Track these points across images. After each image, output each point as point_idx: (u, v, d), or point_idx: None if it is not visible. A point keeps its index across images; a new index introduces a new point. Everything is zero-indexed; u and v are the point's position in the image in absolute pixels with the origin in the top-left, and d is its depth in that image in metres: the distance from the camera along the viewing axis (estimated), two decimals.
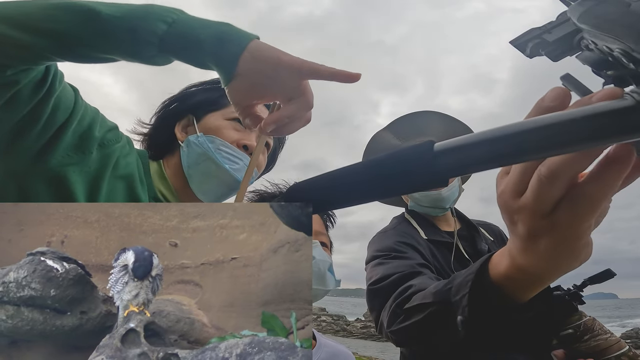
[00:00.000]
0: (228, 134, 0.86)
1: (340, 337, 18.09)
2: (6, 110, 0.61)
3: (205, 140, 0.84)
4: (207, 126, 0.87)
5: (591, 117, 0.25)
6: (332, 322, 21.09)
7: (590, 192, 0.32)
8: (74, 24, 0.55)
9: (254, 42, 0.56)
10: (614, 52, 0.27)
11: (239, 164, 0.86)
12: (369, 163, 0.32)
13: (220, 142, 0.84)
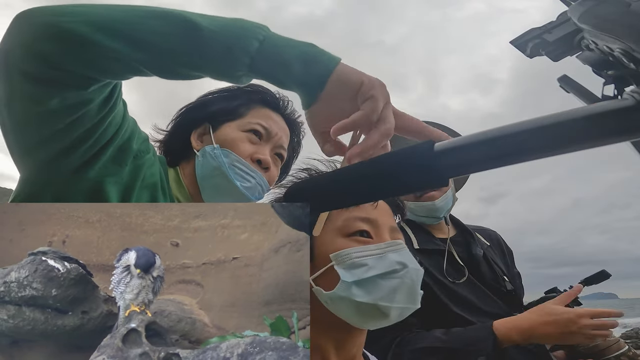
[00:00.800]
0: (243, 147, 0.86)
1: None
2: (70, 128, 0.58)
3: (220, 153, 0.84)
4: (222, 137, 0.86)
5: (591, 117, 0.25)
6: None
7: None
8: (175, 38, 0.51)
9: (340, 64, 0.53)
10: (614, 52, 0.26)
11: (251, 182, 0.85)
12: (369, 163, 0.32)
13: (235, 157, 0.84)
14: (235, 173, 0.83)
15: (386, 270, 0.62)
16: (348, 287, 0.60)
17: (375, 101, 0.49)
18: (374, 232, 0.66)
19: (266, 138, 0.89)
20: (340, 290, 0.61)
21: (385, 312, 0.61)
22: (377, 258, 0.63)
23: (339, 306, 0.62)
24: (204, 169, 0.85)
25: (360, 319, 0.63)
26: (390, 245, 0.65)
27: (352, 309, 0.61)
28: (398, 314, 0.63)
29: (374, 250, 0.63)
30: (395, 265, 0.62)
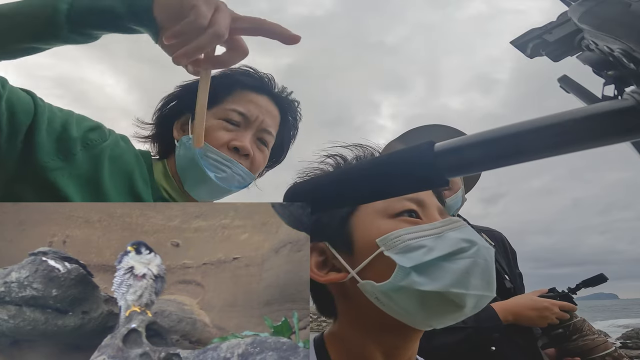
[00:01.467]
0: (218, 135, 0.83)
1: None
2: None
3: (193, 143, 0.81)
4: None
5: (592, 117, 0.25)
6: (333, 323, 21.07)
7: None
8: None
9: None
10: (614, 52, 0.27)
11: (226, 172, 0.83)
12: (370, 163, 0.32)
13: (207, 147, 0.81)
14: (209, 164, 0.82)
15: (451, 250, 0.49)
16: (407, 274, 0.48)
17: (197, 8, 0.52)
18: (423, 212, 0.55)
19: (245, 124, 0.86)
20: (397, 279, 0.49)
21: (460, 302, 0.48)
22: (435, 238, 0.50)
23: (397, 301, 0.49)
24: (182, 160, 0.83)
25: (426, 315, 0.50)
26: (448, 222, 0.53)
27: (415, 303, 0.49)
28: (474, 304, 0.50)
29: (429, 230, 0.51)
30: (462, 243, 0.50)
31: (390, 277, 0.49)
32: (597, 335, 1.06)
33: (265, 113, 0.88)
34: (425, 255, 0.49)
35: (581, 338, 1.06)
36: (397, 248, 0.50)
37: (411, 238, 0.51)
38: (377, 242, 0.52)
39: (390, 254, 0.50)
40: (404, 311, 0.50)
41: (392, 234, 0.51)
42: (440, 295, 0.48)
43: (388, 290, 0.49)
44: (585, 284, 1.13)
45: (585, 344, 1.04)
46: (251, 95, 0.88)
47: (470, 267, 0.49)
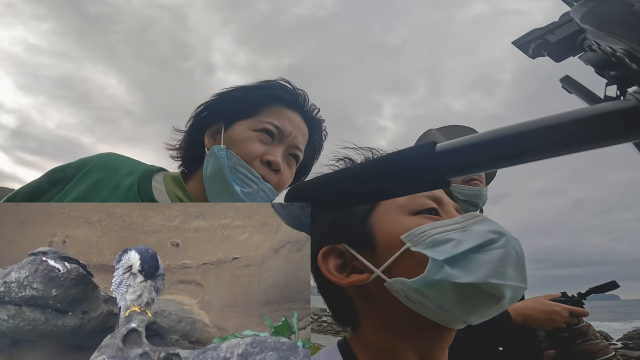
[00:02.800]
0: (253, 146, 0.83)
1: (342, 337, 18.01)
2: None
3: (224, 155, 0.82)
4: (233, 136, 0.84)
5: (593, 117, 0.25)
6: (333, 323, 21.03)
7: None
8: None
9: None
10: (617, 52, 0.26)
11: (252, 188, 0.82)
12: (371, 163, 0.32)
13: (238, 160, 0.81)
14: (237, 177, 0.81)
15: (481, 242, 0.47)
16: (440, 267, 0.46)
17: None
18: (442, 210, 0.54)
19: (279, 138, 0.86)
20: (432, 273, 0.46)
21: (498, 293, 0.46)
22: (461, 232, 0.49)
23: (431, 297, 0.47)
24: (209, 169, 0.83)
25: (464, 310, 0.48)
26: (470, 217, 0.51)
27: (451, 298, 0.46)
28: (511, 295, 0.48)
29: (453, 225, 0.50)
30: (490, 235, 0.48)
31: (422, 273, 0.47)
32: (599, 340, 1.07)
33: (298, 130, 0.89)
34: (456, 248, 0.47)
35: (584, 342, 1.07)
36: (424, 243, 0.48)
37: (437, 232, 0.49)
38: (402, 238, 0.49)
39: (418, 249, 0.48)
40: (438, 308, 0.48)
41: (417, 229, 0.49)
42: (478, 287, 0.46)
43: (421, 287, 0.47)
44: (595, 290, 1.14)
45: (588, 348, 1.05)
46: (286, 111, 0.88)
47: (504, 257, 0.47)
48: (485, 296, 0.47)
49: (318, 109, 0.94)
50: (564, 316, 1.09)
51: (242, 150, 0.82)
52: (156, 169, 0.87)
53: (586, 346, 1.05)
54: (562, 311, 1.10)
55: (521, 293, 0.49)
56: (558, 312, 1.10)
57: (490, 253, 0.47)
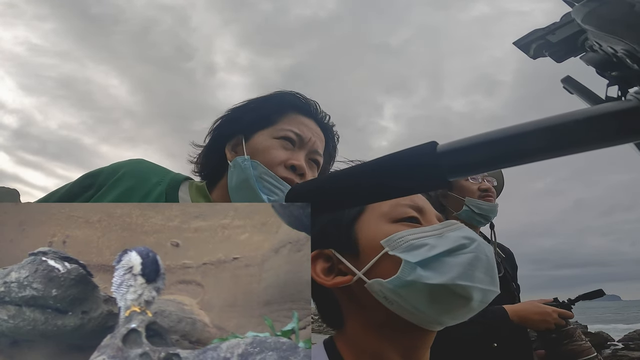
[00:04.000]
0: (276, 153, 0.84)
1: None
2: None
3: (249, 165, 0.83)
4: (255, 146, 0.86)
5: (595, 118, 0.25)
6: None
7: None
8: None
9: None
10: (618, 53, 0.26)
11: (278, 196, 0.83)
12: (371, 164, 0.32)
13: (263, 170, 0.82)
14: (263, 186, 0.82)
15: (453, 246, 0.51)
16: (412, 269, 0.50)
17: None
18: (422, 218, 0.58)
19: (299, 144, 0.87)
20: (404, 274, 0.50)
21: (466, 294, 0.49)
22: (436, 237, 0.53)
23: (406, 297, 0.50)
24: (234, 180, 0.84)
25: (436, 311, 0.51)
26: (447, 225, 0.55)
27: (424, 297, 0.50)
28: (480, 297, 0.51)
29: (430, 231, 0.54)
30: (462, 240, 0.52)
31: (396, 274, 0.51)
32: (584, 342, 1.21)
33: (316, 136, 0.91)
34: (429, 252, 0.51)
35: (570, 343, 1.21)
36: (401, 247, 0.52)
37: (414, 238, 0.53)
38: (382, 243, 0.54)
39: (395, 252, 0.52)
40: (413, 309, 0.51)
41: (395, 235, 0.54)
42: (447, 288, 0.49)
43: (396, 287, 0.50)
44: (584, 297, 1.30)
45: (574, 349, 1.19)
46: (301, 118, 0.91)
47: (473, 261, 0.51)
48: (454, 297, 0.50)
49: (329, 116, 0.97)
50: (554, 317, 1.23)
51: (266, 157, 0.83)
52: (182, 177, 0.91)
53: (572, 347, 1.20)
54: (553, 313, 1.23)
55: (491, 296, 0.53)
56: (549, 313, 1.23)
57: (460, 257, 0.51)
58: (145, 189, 0.83)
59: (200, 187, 0.89)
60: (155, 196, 0.82)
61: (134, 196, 0.81)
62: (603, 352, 11.40)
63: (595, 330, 15.22)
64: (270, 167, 0.83)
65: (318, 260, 0.58)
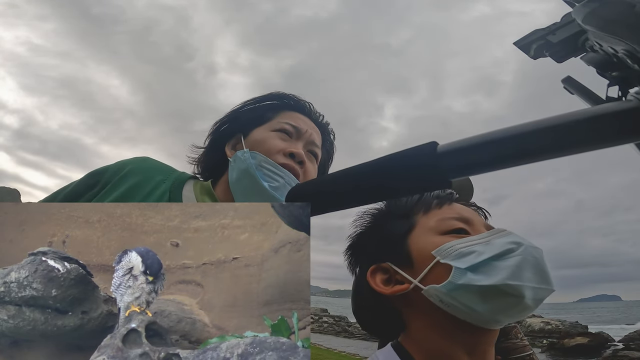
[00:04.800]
0: (274, 142, 0.87)
1: (342, 338, 18.04)
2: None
3: (249, 156, 0.85)
4: (253, 140, 0.88)
5: (595, 118, 0.25)
6: (333, 324, 21.06)
7: None
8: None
9: None
10: (618, 53, 0.26)
11: (279, 182, 0.84)
12: (372, 164, 0.32)
13: (262, 158, 0.84)
14: (263, 174, 0.84)
15: (500, 251, 0.55)
16: (463, 274, 0.54)
17: None
18: (471, 229, 0.62)
19: (297, 135, 0.90)
20: (455, 278, 0.54)
21: (517, 293, 0.52)
22: (484, 245, 0.56)
23: (459, 300, 0.54)
24: (234, 173, 0.86)
25: (490, 310, 0.54)
26: (494, 232, 0.59)
27: (476, 299, 0.53)
28: (533, 295, 0.53)
29: (478, 240, 0.57)
30: (509, 245, 0.55)
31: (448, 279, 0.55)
32: (519, 340, 1.25)
33: (312, 129, 0.94)
34: (477, 258, 0.54)
35: (506, 340, 1.24)
36: (451, 256, 0.56)
37: (462, 247, 0.57)
38: (433, 253, 0.58)
39: (446, 261, 0.56)
40: (468, 309, 0.54)
41: (445, 245, 0.58)
42: (497, 288, 0.52)
43: (449, 291, 0.54)
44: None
45: (507, 346, 1.23)
46: (297, 114, 0.95)
47: (521, 263, 0.54)
48: (505, 296, 0.53)
49: (323, 115, 1.00)
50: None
51: (264, 147, 0.86)
52: (188, 176, 0.92)
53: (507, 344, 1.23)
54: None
55: (544, 294, 0.55)
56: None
57: (509, 260, 0.54)
58: (149, 187, 0.84)
59: (205, 185, 0.91)
60: (159, 194, 0.83)
61: (138, 194, 0.82)
62: (603, 353, 11.39)
63: (595, 330, 15.21)
64: (269, 156, 0.85)
65: (377, 273, 0.63)
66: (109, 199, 0.79)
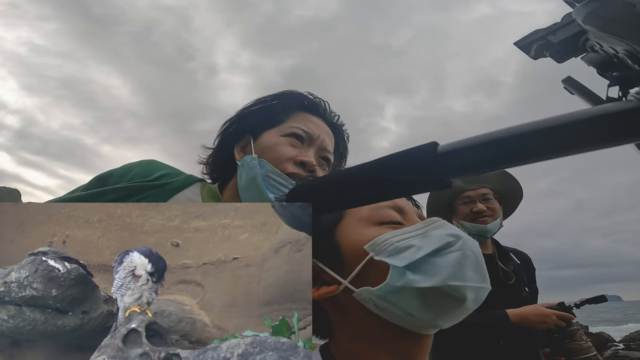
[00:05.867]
0: (284, 150, 0.83)
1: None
2: None
3: (257, 164, 0.82)
4: (263, 144, 0.85)
5: (596, 119, 0.25)
6: None
7: None
8: None
9: None
10: (619, 53, 0.26)
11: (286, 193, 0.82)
12: (372, 164, 0.32)
13: (270, 168, 0.81)
14: (270, 184, 0.81)
15: (439, 245, 0.49)
16: (402, 274, 0.47)
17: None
18: (404, 219, 0.55)
19: (308, 141, 0.86)
20: (394, 280, 0.47)
21: (460, 295, 0.47)
22: (421, 237, 0.50)
23: (398, 303, 0.48)
24: (242, 180, 0.84)
25: (430, 314, 0.49)
26: (429, 223, 0.53)
27: (416, 302, 0.48)
28: (474, 296, 0.49)
29: (414, 232, 0.51)
30: (447, 238, 0.50)
31: (385, 280, 0.48)
32: (584, 342, 1.34)
33: (325, 134, 0.89)
34: (416, 254, 0.48)
35: (571, 342, 1.33)
36: (386, 251, 0.50)
37: (398, 240, 0.50)
38: (366, 248, 0.51)
39: (381, 257, 0.49)
40: (406, 314, 0.49)
41: (379, 239, 0.51)
42: (439, 290, 0.47)
43: (386, 294, 0.48)
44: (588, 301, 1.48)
45: (573, 347, 1.32)
46: (310, 116, 0.90)
47: (461, 259, 0.49)
48: (447, 299, 0.48)
49: (338, 115, 0.95)
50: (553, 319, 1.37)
51: (274, 154, 0.82)
52: (195, 179, 0.90)
53: (572, 345, 1.33)
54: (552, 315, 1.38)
55: (484, 294, 0.51)
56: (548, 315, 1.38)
57: (448, 256, 0.49)
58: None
59: (212, 188, 0.88)
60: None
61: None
62: (604, 353, 11.38)
63: (596, 330, 15.20)
64: (278, 164, 0.82)
65: None
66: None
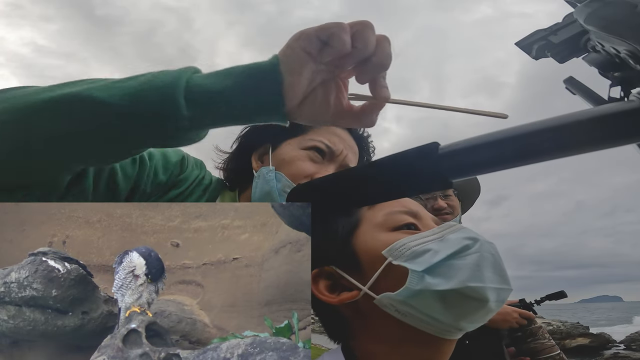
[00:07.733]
0: (302, 166, 0.79)
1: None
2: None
3: (273, 177, 0.78)
4: (281, 156, 0.81)
5: (597, 119, 0.24)
6: None
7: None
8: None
9: (278, 57, 0.48)
10: (621, 53, 0.26)
11: None
12: (374, 164, 0.32)
13: (287, 182, 0.77)
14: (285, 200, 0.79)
15: (457, 249, 0.49)
16: (420, 278, 0.47)
17: (339, 30, 0.43)
18: (420, 224, 0.55)
19: (329, 157, 0.81)
20: (413, 284, 0.47)
21: (480, 296, 0.47)
22: (438, 241, 0.50)
23: (419, 307, 0.48)
24: (257, 193, 0.80)
25: (453, 317, 0.49)
26: (446, 227, 0.54)
27: (437, 305, 0.48)
28: (496, 297, 0.48)
29: (431, 236, 0.51)
30: (465, 241, 0.50)
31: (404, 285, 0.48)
32: (547, 340, 1.30)
33: (349, 148, 0.85)
34: (433, 257, 0.48)
35: (534, 341, 1.30)
36: (404, 256, 0.50)
37: (416, 244, 0.50)
38: (384, 253, 0.51)
39: (399, 262, 0.49)
40: (428, 318, 0.49)
41: (397, 244, 0.51)
42: (459, 292, 0.47)
43: (406, 298, 0.48)
44: (548, 297, 1.48)
45: (536, 347, 1.28)
46: (334, 128, 0.85)
47: (479, 261, 0.49)
48: (468, 300, 0.47)
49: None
50: (514, 317, 1.32)
51: (292, 170, 0.79)
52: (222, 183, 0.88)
53: (534, 344, 1.29)
54: (513, 312, 1.33)
55: (506, 295, 0.50)
56: (509, 313, 1.33)
57: (466, 259, 0.49)
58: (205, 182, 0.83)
59: (232, 196, 0.85)
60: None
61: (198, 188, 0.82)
62: (605, 354, 11.37)
63: (597, 331, 15.19)
64: (296, 180, 0.78)
65: (320, 279, 0.56)
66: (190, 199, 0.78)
